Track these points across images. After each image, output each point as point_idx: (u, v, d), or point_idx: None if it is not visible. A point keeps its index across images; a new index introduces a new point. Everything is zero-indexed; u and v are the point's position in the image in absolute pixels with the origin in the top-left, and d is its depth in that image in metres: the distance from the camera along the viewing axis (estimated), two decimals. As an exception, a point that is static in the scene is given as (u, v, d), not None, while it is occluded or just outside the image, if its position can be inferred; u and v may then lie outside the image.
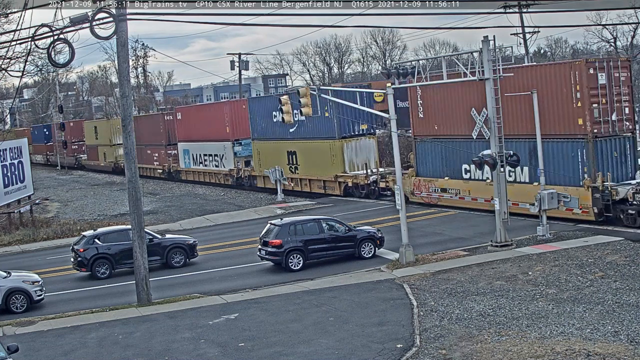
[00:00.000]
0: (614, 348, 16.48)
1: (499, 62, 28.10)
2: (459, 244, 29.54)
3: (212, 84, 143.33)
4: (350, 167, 44.02)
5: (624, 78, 31.22)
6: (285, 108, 30.82)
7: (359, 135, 44.18)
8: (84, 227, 40.15)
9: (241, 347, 19.03)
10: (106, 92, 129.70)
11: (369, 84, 56.96)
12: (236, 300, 24.01)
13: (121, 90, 25.19)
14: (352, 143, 44.07)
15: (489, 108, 28.07)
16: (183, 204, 51.23)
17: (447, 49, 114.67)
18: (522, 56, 61.99)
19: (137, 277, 24.82)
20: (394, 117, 27.88)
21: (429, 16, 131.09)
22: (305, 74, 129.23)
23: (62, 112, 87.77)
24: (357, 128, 44.01)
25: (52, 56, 23.41)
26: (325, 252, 28.46)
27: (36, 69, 50.42)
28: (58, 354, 19.86)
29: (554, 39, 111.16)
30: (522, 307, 20.19)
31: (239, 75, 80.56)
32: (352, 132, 44.17)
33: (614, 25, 76.93)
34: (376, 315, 20.72)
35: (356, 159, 43.99)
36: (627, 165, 31.41)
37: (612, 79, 30.85)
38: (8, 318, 24.11)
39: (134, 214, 24.86)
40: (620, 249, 25.74)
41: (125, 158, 24.98)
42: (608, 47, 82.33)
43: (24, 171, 46.25)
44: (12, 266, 30.18)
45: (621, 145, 31.19)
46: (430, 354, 17.28)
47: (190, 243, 30.99)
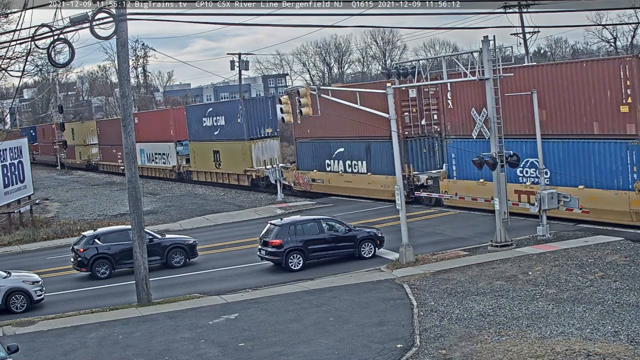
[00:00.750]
0: (614, 348, 16.48)
1: (499, 62, 28.10)
2: (459, 244, 29.55)
3: (212, 84, 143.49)
4: (257, 164, 52.99)
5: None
6: (285, 108, 30.82)
7: (265, 137, 53.24)
8: (84, 227, 40.15)
9: (241, 347, 19.03)
10: (106, 92, 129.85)
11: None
12: (236, 300, 24.02)
13: (121, 90, 25.19)
14: (259, 144, 53.25)
15: (489, 108, 28.07)
16: (183, 204, 51.24)
17: (447, 49, 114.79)
18: (522, 56, 62.01)
19: (137, 277, 24.82)
20: (393, 117, 27.88)
21: (429, 16, 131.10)
22: (305, 74, 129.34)
23: (62, 112, 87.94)
24: (263, 131, 53.05)
25: (52, 56, 23.42)
26: (325, 252, 28.46)
27: (36, 69, 50.64)
28: (58, 354, 19.87)
29: (554, 39, 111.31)
30: (522, 307, 20.19)
31: (239, 75, 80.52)
32: (259, 135, 53.12)
33: (614, 25, 77.09)
34: (376, 315, 20.72)
35: (262, 157, 53.19)
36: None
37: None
38: (8, 318, 24.12)
39: (134, 214, 24.86)
40: (620, 249, 25.74)
41: (125, 158, 24.95)
42: (608, 47, 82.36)
43: (24, 171, 46.27)
44: (12, 266, 30.18)
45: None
46: (430, 354, 17.28)
47: (190, 243, 30.99)
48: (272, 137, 53.40)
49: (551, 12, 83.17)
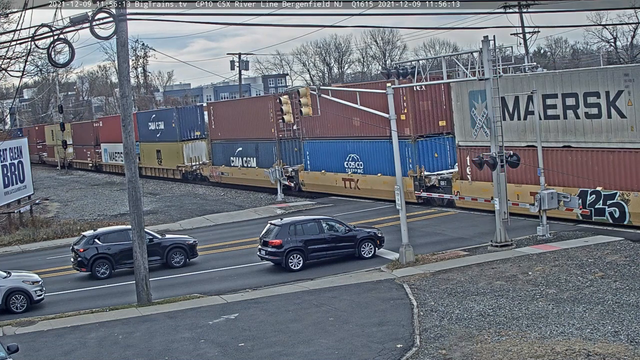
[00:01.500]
0: (614, 348, 16.48)
1: (499, 62, 28.10)
2: (459, 244, 29.55)
3: (212, 84, 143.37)
4: (188, 161, 63.81)
5: None
6: (285, 108, 30.84)
7: (194, 139, 63.86)
8: (84, 227, 40.14)
9: (241, 347, 19.03)
10: (106, 92, 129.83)
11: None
12: (236, 300, 24.02)
13: (121, 90, 25.18)
14: (189, 144, 63.82)
15: (489, 108, 28.10)
16: (183, 204, 51.25)
17: (447, 49, 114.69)
18: (522, 56, 62.00)
19: (137, 277, 24.82)
20: (393, 117, 27.88)
21: (429, 16, 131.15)
22: (305, 74, 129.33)
23: (62, 112, 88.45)
24: (193, 134, 63.80)
25: (52, 56, 23.42)
26: (325, 252, 28.46)
27: (36, 69, 50.61)
28: (58, 354, 19.87)
29: (554, 39, 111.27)
30: (522, 307, 20.19)
31: (239, 75, 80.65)
32: (189, 137, 63.75)
33: (614, 25, 77.02)
34: (376, 315, 20.72)
35: (192, 155, 63.81)
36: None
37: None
38: (8, 318, 24.12)
39: (134, 214, 24.86)
40: (620, 249, 25.73)
41: (125, 158, 24.97)
42: (608, 47, 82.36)
43: (24, 171, 46.26)
44: (12, 266, 30.19)
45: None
46: (430, 354, 17.28)
47: (190, 243, 30.99)
48: (200, 138, 63.92)
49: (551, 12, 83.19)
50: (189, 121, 63.70)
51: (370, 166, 42.20)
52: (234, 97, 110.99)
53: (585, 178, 29.93)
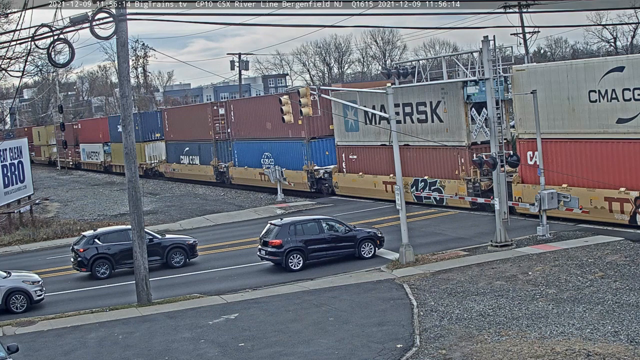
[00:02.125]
0: (614, 348, 16.48)
1: (499, 62, 28.10)
2: (459, 244, 29.55)
3: (212, 84, 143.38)
4: (149, 159, 71.52)
5: None
6: (285, 108, 30.84)
7: (155, 140, 71.09)
8: (84, 227, 40.14)
9: (241, 347, 19.03)
10: (106, 92, 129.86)
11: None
12: (236, 300, 24.02)
13: (121, 90, 25.18)
14: (151, 144, 71.47)
15: (489, 108, 28.10)
16: (183, 204, 51.26)
17: (447, 49, 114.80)
18: (522, 56, 62.02)
19: (137, 277, 24.81)
20: (393, 117, 27.89)
21: (429, 16, 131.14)
22: (305, 74, 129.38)
23: (62, 112, 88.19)
24: (153, 135, 70.91)
25: (52, 56, 23.41)
26: (325, 252, 28.46)
27: (36, 69, 50.67)
28: (58, 354, 19.87)
29: (554, 39, 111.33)
30: (522, 307, 20.19)
31: (239, 75, 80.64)
32: (151, 138, 71.20)
33: (614, 25, 77.10)
34: (376, 315, 20.72)
35: (153, 154, 71.59)
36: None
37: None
38: (8, 318, 24.12)
39: (134, 214, 24.85)
40: (620, 249, 25.73)
41: (125, 158, 24.95)
42: (608, 47, 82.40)
43: (24, 171, 46.24)
44: (12, 266, 30.19)
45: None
46: (430, 354, 17.29)
47: (190, 243, 30.99)
48: (161, 139, 70.81)
49: (551, 12, 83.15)
50: (150, 124, 71.09)
51: (280, 162, 49.64)
52: (234, 97, 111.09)
53: (418, 170, 39.05)
